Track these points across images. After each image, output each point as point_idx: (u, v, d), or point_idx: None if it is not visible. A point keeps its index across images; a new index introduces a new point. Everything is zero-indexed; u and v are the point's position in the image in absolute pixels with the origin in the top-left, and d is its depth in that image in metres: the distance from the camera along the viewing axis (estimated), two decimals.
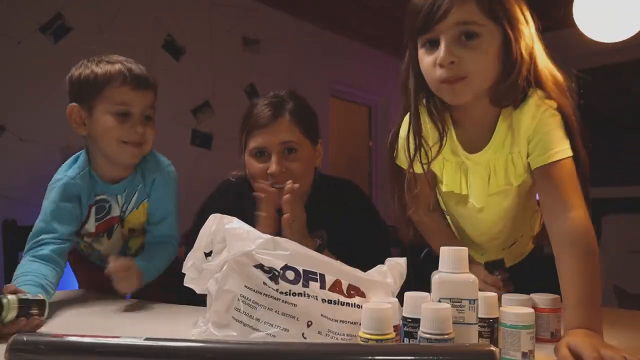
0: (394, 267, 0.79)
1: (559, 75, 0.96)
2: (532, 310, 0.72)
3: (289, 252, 0.74)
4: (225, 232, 0.76)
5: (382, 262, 0.83)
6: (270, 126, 1.25)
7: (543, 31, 1.01)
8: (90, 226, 1.31)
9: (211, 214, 1.26)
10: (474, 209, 1.05)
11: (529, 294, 0.88)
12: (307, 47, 4.08)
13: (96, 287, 1.39)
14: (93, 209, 1.30)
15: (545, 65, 0.96)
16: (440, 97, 0.95)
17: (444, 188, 1.05)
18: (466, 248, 0.71)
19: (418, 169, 1.00)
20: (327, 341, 0.72)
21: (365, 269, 1.14)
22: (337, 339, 0.72)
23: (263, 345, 0.66)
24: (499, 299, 0.78)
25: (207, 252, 0.78)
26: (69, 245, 1.24)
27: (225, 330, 0.74)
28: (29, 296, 0.93)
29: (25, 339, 0.62)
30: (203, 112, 3.50)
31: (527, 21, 0.94)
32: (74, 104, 1.25)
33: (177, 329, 0.97)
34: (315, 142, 1.34)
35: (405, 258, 0.80)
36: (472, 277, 0.70)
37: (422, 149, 0.98)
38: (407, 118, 1.03)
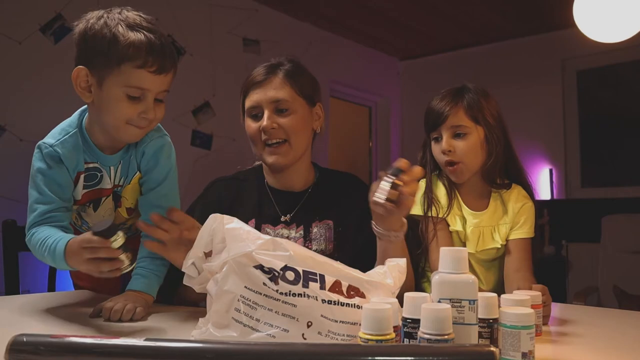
0: (394, 268, 0.79)
1: (528, 177, 1.42)
2: (531, 310, 0.72)
3: (289, 252, 0.74)
4: (225, 232, 0.76)
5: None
6: (262, 84, 1.29)
7: (543, 31, 1.09)
8: (77, 193, 1.19)
9: (194, 213, 1.28)
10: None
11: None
12: (307, 47, 4.08)
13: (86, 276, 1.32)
14: (82, 177, 1.17)
15: (520, 166, 1.41)
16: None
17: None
18: (466, 249, 0.72)
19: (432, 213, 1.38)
20: (327, 342, 0.72)
21: (372, 260, 1.14)
22: (337, 339, 0.72)
23: (263, 345, 0.66)
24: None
25: (206, 251, 0.78)
26: (70, 213, 1.19)
27: (225, 330, 0.73)
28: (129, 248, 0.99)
29: (25, 339, 0.62)
30: (203, 113, 3.51)
31: (499, 124, 1.36)
32: (82, 67, 1.08)
33: (177, 329, 0.97)
34: (313, 104, 1.33)
35: (405, 259, 0.80)
36: (471, 277, 0.70)
37: (434, 205, 1.38)
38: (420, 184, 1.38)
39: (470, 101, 1.33)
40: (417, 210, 1.37)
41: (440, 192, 1.39)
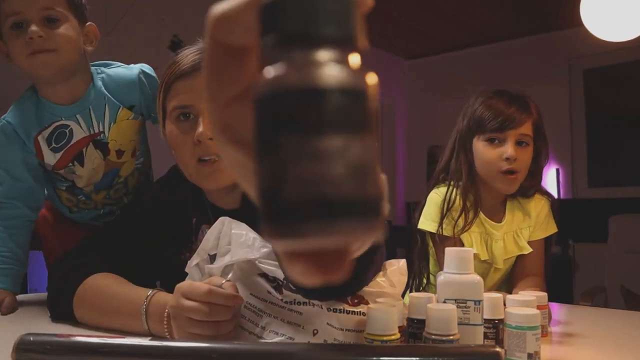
0: (395, 272, 0.78)
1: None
2: (537, 311, 0.71)
3: None
4: (231, 236, 0.76)
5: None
6: (197, 75, 0.89)
7: (550, 31, 1.09)
8: (50, 158, 1.14)
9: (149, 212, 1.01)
10: (490, 269, 1.31)
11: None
12: None
13: None
14: (44, 141, 1.13)
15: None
16: (492, 183, 1.28)
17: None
18: (472, 249, 0.72)
19: (449, 232, 1.28)
20: None
21: None
22: None
23: (268, 345, 0.66)
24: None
25: (211, 254, 0.78)
26: (32, 193, 1.17)
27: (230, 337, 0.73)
28: None
29: (31, 339, 0.62)
30: None
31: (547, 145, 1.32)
32: None
33: None
34: None
35: (404, 260, 0.80)
36: (477, 277, 0.70)
37: (458, 216, 1.28)
38: (434, 196, 1.32)
39: (538, 114, 1.29)
40: (430, 226, 1.30)
41: (465, 205, 1.29)
